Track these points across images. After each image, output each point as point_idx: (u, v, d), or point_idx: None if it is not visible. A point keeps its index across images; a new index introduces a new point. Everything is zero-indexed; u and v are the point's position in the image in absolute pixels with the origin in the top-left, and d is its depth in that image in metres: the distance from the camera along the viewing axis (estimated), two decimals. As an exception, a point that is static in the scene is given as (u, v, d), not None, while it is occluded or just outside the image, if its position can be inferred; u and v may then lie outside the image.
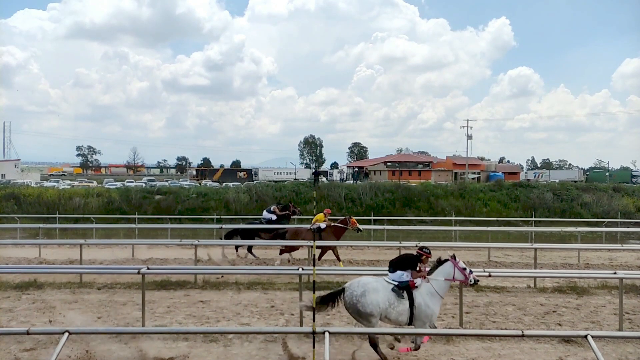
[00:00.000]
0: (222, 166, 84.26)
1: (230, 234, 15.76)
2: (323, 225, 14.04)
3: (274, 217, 16.19)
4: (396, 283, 6.59)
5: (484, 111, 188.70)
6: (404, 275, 6.64)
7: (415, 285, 6.56)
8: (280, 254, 14.28)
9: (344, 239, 14.36)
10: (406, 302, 6.48)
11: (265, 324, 8.41)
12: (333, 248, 13.61)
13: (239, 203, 34.93)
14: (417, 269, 6.73)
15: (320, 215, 14.41)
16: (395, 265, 6.79)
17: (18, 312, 8.90)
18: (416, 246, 12.57)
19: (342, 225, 14.01)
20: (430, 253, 6.88)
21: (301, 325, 7.91)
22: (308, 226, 14.46)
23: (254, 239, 15.42)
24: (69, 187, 45.38)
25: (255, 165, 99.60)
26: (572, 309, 9.36)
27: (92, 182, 56.14)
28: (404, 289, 6.53)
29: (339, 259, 13.62)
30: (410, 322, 6.50)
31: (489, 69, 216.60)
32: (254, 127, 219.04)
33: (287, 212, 16.47)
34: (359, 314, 6.42)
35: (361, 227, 15.30)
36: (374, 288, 6.47)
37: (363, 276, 7.04)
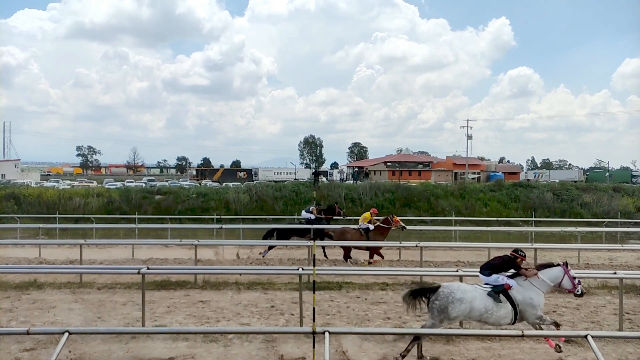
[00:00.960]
0: (222, 166, 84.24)
1: (270, 234, 15.70)
2: (372, 226, 14.04)
3: (312, 216, 16.10)
4: (491, 287, 6.62)
5: (484, 111, 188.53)
6: (499, 278, 6.66)
7: (511, 286, 6.58)
8: (345, 257, 14.15)
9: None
10: (507, 305, 6.50)
11: (265, 324, 8.41)
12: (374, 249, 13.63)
13: (239, 203, 34.95)
14: (525, 268, 6.77)
15: (367, 214, 14.41)
16: (492, 268, 6.79)
17: (18, 312, 8.90)
18: (416, 245, 12.65)
19: (386, 225, 14.02)
20: (525, 256, 6.88)
21: (301, 325, 7.91)
22: (355, 226, 14.45)
23: (290, 239, 15.35)
24: (69, 187, 45.41)
25: (255, 165, 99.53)
26: (572, 309, 9.36)
27: (92, 182, 56.15)
28: (500, 293, 6.55)
29: (371, 261, 13.64)
30: (515, 322, 6.55)
31: (489, 69, 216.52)
32: (254, 127, 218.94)
33: (323, 213, 16.35)
34: (442, 313, 6.40)
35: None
36: (472, 297, 6.47)
37: (459, 283, 7.13)
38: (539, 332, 6.68)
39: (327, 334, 5.54)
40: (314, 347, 5.63)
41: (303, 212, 16.79)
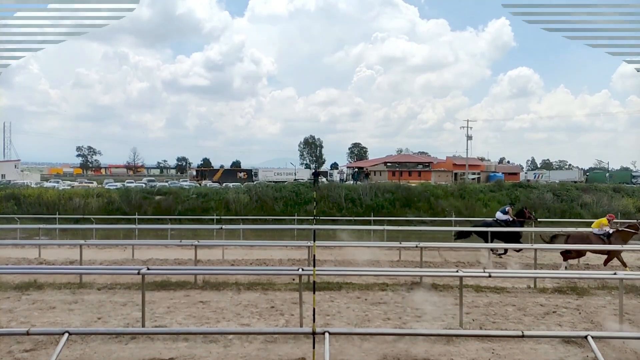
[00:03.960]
0: (222, 166, 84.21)
1: (463, 234, 15.89)
2: (611, 231, 14.02)
3: (510, 218, 16.50)
4: None
5: (483, 111, 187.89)
6: None
7: None
8: (565, 259, 14.08)
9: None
10: None
11: (265, 324, 8.40)
12: (618, 253, 13.51)
13: (239, 203, 35.00)
14: None
15: (604, 220, 14.38)
16: None
17: (18, 313, 8.89)
18: (416, 246, 12.64)
19: (632, 230, 13.97)
20: None
21: (301, 326, 7.90)
22: (595, 230, 14.35)
23: (490, 240, 15.49)
24: (69, 187, 45.42)
25: (255, 166, 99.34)
26: (572, 310, 9.35)
27: (92, 183, 56.15)
28: None
29: (624, 265, 13.51)
30: None
31: (488, 69, 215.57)
32: (254, 128, 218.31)
33: (519, 217, 16.77)
34: None
35: (361, 227, 15.30)
36: None
37: None
38: (539, 333, 6.67)
39: (327, 335, 5.53)
40: (314, 347, 5.63)
41: (498, 214, 17.12)
